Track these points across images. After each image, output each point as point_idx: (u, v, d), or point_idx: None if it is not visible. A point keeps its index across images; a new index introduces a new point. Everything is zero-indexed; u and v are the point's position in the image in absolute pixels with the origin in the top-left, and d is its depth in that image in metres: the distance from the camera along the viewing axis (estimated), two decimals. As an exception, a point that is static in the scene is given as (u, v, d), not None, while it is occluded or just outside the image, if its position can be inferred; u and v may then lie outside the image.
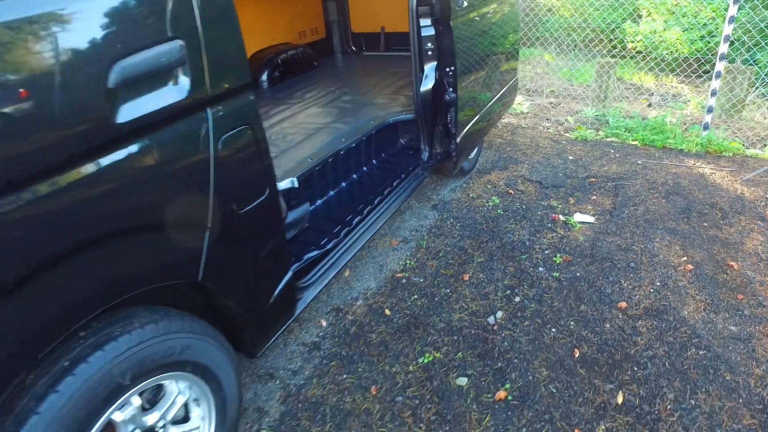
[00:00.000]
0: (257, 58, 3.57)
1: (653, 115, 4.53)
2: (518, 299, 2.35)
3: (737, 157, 3.74)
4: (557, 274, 2.51)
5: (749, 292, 2.32)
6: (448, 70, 2.62)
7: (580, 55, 6.79)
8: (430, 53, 2.67)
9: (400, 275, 2.55)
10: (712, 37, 6.26)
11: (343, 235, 2.19)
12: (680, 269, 2.50)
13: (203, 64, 1.24)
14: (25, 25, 0.90)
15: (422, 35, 2.61)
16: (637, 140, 4.06)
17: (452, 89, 2.66)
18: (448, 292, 2.42)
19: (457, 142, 2.80)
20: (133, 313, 1.27)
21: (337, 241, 2.15)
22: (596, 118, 4.67)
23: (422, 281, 2.50)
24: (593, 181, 3.48)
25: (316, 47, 4.22)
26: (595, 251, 2.68)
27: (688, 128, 4.12)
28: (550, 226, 2.95)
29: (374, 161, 2.93)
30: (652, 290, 2.37)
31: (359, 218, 2.32)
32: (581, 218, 3.01)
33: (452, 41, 2.53)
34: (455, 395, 1.87)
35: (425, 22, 2.59)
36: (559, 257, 2.63)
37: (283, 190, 1.93)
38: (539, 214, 3.08)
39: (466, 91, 2.79)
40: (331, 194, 2.58)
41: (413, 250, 2.76)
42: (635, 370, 1.94)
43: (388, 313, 2.30)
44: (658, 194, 3.24)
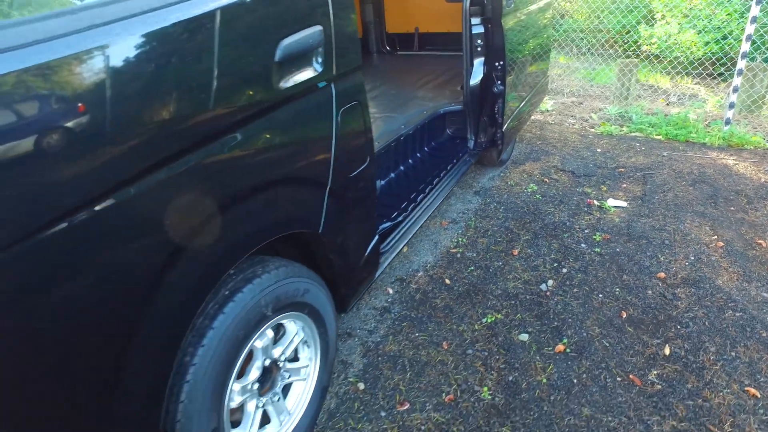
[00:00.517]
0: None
1: (674, 112, 4.76)
2: (565, 270, 2.57)
3: (759, 150, 3.96)
4: (598, 249, 2.73)
5: (777, 265, 2.54)
6: (497, 64, 2.87)
7: (596, 57, 7.03)
8: (479, 49, 2.92)
9: (454, 251, 2.78)
10: (726, 39, 6.49)
11: (410, 210, 2.43)
12: (711, 246, 2.72)
13: (332, 47, 1.48)
14: (232, 11, 1.15)
15: (473, 33, 2.86)
16: (660, 135, 4.29)
17: (500, 82, 2.90)
18: (500, 264, 2.65)
19: (503, 131, 3.04)
20: (265, 259, 1.51)
21: (405, 215, 2.38)
22: (619, 115, 4.90)
23: (475, 255, 2.73)
24: (622, 170, 3.70)
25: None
26: (630, 231, 2.90)
27: (709, 124, 4.34)
28: (586, 209, 3.18)
29: (426, 148, 3.17)
30: (687, 263, 2.59)
31: (422, 196, 2.55)
32: (614, 203, 3.24)
33: (503, 38, 2.78)
34: (519, 348, 2.10)
35: (476, 20, 2.84)
36: (598, 235, 2.86)
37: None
38: (575, 199, 3.31)
39: (510, 84, 3.04)
40: (392, 176, 2.82)
41: (463, 229, 2.99)
42: (678, 328, 2.16)
43: (448, 282, 2.53)
44: (685, 182, 3.47)
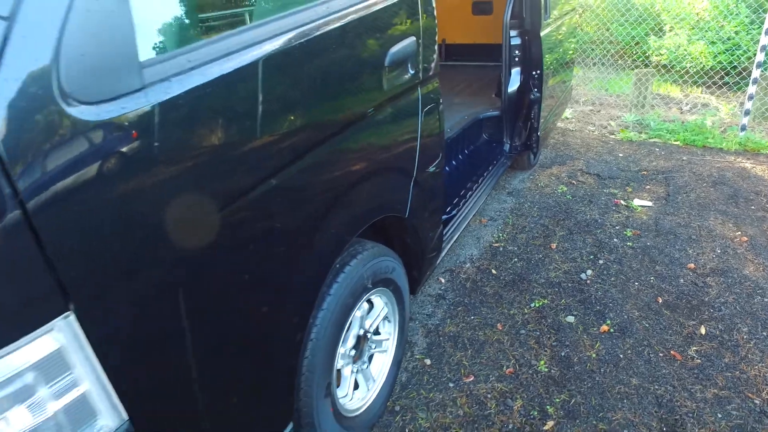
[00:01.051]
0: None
1: (689, 120, 5.00)
2: (602, 261, 2.79)
3: (772, 154, 4.19)
4: (630, 243, 2.95)
5: (798, 257, 2.75)
6: (534, 73, 3.11)
7: (607, 67, 7.28)
8: (516, 59, 3.17)
9: (496, 245, 3.00)
10: (736, 49, 6.74)
11: (461, 205, 2.65)
12: (736, 240, 2.94)
13: (420, 55, 1.72)
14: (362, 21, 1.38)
15: (511, 44, 3.11)
16: (678, 140, 4.52)
17: (537, 90, 3.15)
18: (540, 257, 2.86)
19: (538, 134, 3.28)
20: (362, 240, 1.73)
21: (458, 209, 2.61)
22: (637, 122, 5.14)
23: (516, 249, 2.95)
24: (645, 173, 3.93)
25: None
26: (659, 227, 3.12)
27: (725, 130, 4.58)
28: (614, 208, 3.40)
29: (466, 151, 3.40)
30: (714, 255, 2.80)
31: (470, 193, 2.78)
32: (640, 202, 3.46)
33: (540, 49, 3.02)
34: (567, 329, 2.31)
35: (514, 33, 3.10)
36: (629, 231, 3.08)
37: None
38: (603, 199, 3.53)
39: (545, 91, 3.28)
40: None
41: (502, 226, 3.21)
42: (711, 311, 2.37)
43: (494, 272, 2.74)
44: (705, 184, 3.69)
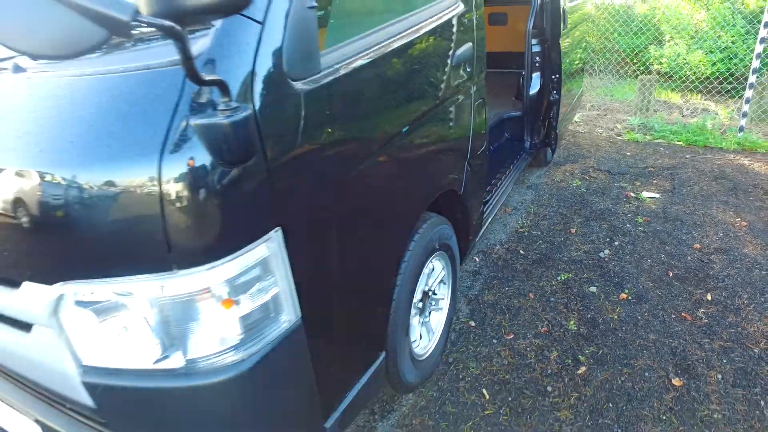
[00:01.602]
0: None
1: (691, 122, 5.37)
2: (617, 243, 3.13)
3: (768, 152, 4.55)
4: (642, 228, 3.29)
5: (791, 239, 3.10)
6: (554, 77, 3.48)
7: (609, 75, 7.67)
8: (536, 65, 3.53)
9: (521, 230, 3.34)
10: (732, 58, 7.14)
11: (493, 192, 3.00)
12: (736, 225, 3.28)
13: (474, 57, 2.08)
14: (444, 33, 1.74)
15: (532, 51, 3.48)
16: (681, 141, 4.88)
17: (556, 92, 3.51)
18: (562, 239, 3.20)
19: (557, 132, 3.63)
20: (427, 211, 2.06)
21: (491, 195, 2.95)
22: (641, 125, 5.50)
23: (540, 233, 3.29)
24: (651, 169, 4.28)
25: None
26: (666, 214, 3.47)
27: (725, 131, 4.94)
28: (625, 199, 3.74)
29: (491, 147, 3.75)
30: (717, 238, 3.14)
31: (499, 183, 3.13)
32: (649, 194, 3.81)
33: (560, 55, 3.39)
34: (591, 297, 2.64)
35: (535, 41, 3.46)
36: (639, 218, 3.42)
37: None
38: (614, 191, 3.88)
39: (563, 93, 3.64)
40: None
41: (524, 214, 3.56)
42: (716, 282, 2.71)
43: (522, 252, 3.08)
44: (707, 178, 4.04)
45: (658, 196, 3.78)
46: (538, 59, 3.51)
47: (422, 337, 2.14)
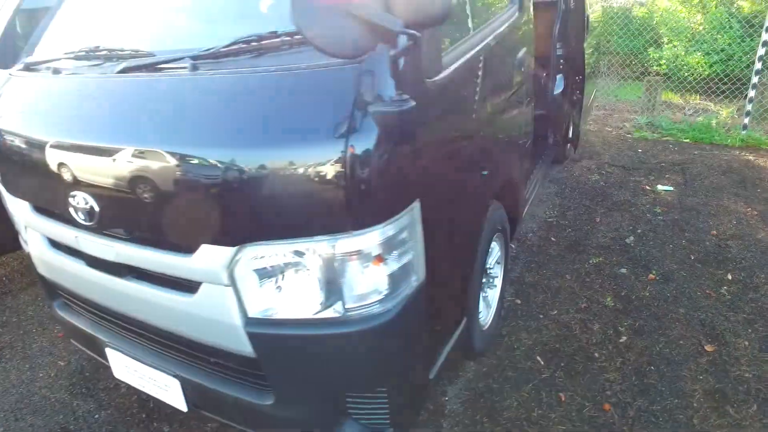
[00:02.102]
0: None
1: (696, 121, 5.66)
2: (640, 231, 3.39)
3: (770, 148, 4.86)
4: (661, 217, 3.56)
5: (799, 226, 3.38)
6: (577, 78, 3.74)
7: (611, 77, 7.95)
8: (561, 67, 3.79)
9: (550, 220, 3.59)
10: (729, 60, 7.45)
11: (528, 184, 3.24)
12: (748, 214, 3.56)
13: (527, 58, 2.32)
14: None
15: (557, 54, 3.74)
16: (688, 138, 5.17)
17: (579, 92, 3.77)
18: (588, 228, 3.46)
19: (580, 129, 3.89)
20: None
21: (527, 186, 3.20)
22: (648, 124, 5.79)
23: (567, 223, 3.54)
24: (663, 165, 4.56)
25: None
26: (682, 205, 3.73)
27: (729, 129, 5.24)
28: (642, 192, 4.01)
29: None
30: (731, 225, 3.41)
31: (534, 173, 3.37)
32: (663, 187, 4.08)
33: (583, 58, 3.65)
34: (622, 277, 2.89)
35: (559, 45, 3.72)
36: (658, 208, 3.69)
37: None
38: (631, 185, 4.14)
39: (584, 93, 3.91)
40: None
41: (551, 206, 3.81)
42: (734, 264, 2.97)
43: (553, 239, 3.33)
44: (716, 173, 4.32)
45: (672, 188, 4.05)
46: (562, 62, 3.77)
47: (481, 311, 2.38)
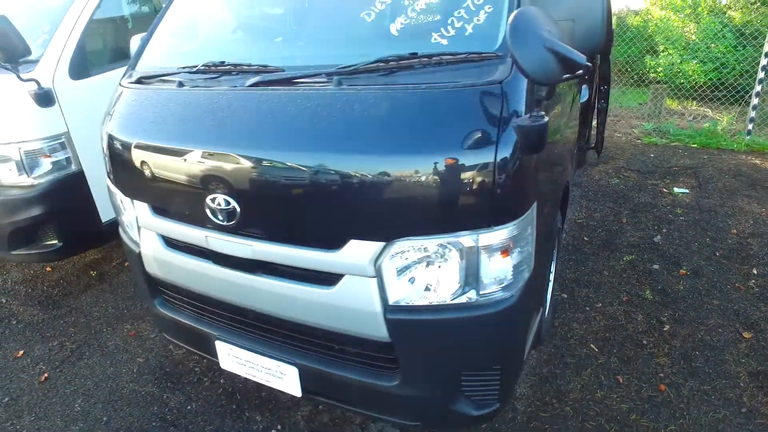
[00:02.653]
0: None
1: (702, 127, 5.97)
2: (665, 230, 3.64)
3: (773, 153, 5.17)
4: (683, 218, 3.81)
5: (809, 225, 3.66)
6: (602, 87, 3.98)
7: (612, 85, 8.26)
8: (586, 77, 4.04)
9: (580, 221, 3.83)
10: (724, 68, 7.81)
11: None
12: (763, 214, 3.83)
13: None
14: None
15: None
16: (696, 143, 5.47)
17: (604, 101, 4.02)
18: (617, 228, 3.70)
19: (604, 136, 4.14)
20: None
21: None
22: (655, 129, 6.09)
23: (596, 224, 3.78)
24: (676, 169, 4.84)
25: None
26: (700, 207, 4.00)
27: (735, 134, 5.55)
28: (660, 194, 4.27)
29: (546, 149, 4.24)
30: (749, 225, 3.68)
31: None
32: (680, 190, 4.34)
33: (609, 67, 3.90)
34: (656, 273, 3.13)
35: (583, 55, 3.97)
36: (678, 210, 3.95)
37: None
38: (649, 188, 4.40)
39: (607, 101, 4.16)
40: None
41: (578, 207, 4.05)
42: (757, 260, 3.23)
43: (586, 239, 3.56)
44: (727, 176, 4.61)
45: (688, 191, 4.32)
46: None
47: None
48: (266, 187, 1.52)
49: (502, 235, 1.40)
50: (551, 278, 2.68)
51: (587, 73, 1.21)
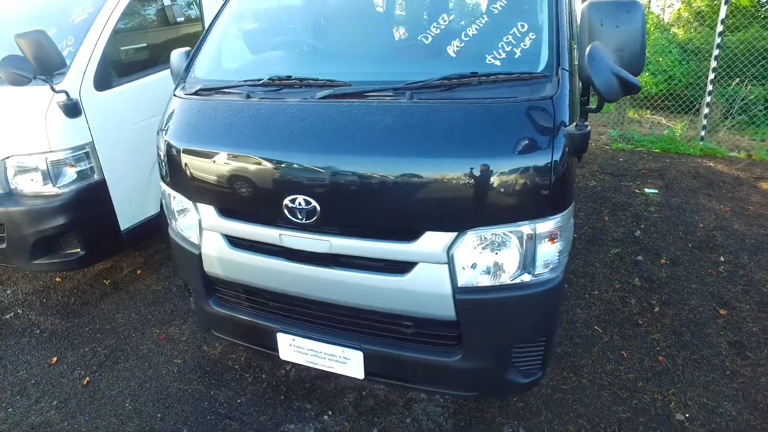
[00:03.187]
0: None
1: (662, 133, 6.57)
2: (643, 226, 4.06)
3: (725, 157, 5.78)
4: (656, 215, 4.26)
5: (765, 216, 4.18)
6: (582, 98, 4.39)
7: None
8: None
9: (568, 219, 4.20)
10: (672, 80, 8.59)
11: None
12: (722, 211, 4.34)
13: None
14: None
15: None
16: (658, 148, 6.03)
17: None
18: (600, 225, 4.09)
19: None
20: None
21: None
22: (621, 136, 6.64)
23: (581, 221, 4.16)
24: (644, 171, 5.34)
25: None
26: (670, 204, 4.47)
27: (690, 140, 6.15)
28: (633, 194, 4.73)
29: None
30: (712, 219, 4.17)
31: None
32: (650, 190, 4.82)
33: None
34: (641, 263, 3.52)
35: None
36: (651, 207, 4.40)
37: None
38: (623, 189, 4.86)
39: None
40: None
41: (564, 207, 4.43)
42: (723, 248, 3.69)
43: (575, 235, 3.93)
44: (688, 177, 5.14)
45: (656, 191, 4.80)
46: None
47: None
48: (348, 188, 1.72)
49: (554, 223, 1.68)
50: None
51: (638, 92, 1.51)
